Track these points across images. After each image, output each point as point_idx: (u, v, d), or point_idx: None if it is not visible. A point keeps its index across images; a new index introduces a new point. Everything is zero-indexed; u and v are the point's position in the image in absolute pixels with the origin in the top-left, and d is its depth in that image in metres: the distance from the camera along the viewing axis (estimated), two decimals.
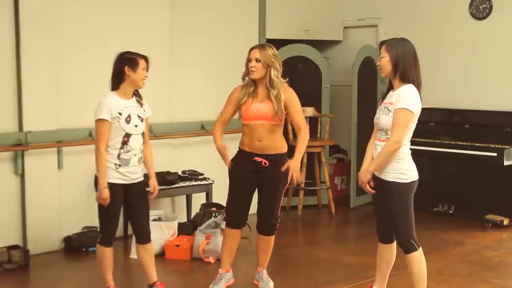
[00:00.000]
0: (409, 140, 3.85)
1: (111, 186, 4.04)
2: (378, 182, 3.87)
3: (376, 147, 3.89)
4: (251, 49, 4.30)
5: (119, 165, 4.06)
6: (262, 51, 4.23)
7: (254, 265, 4.72)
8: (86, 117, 5.38)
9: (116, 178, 4.06)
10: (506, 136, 6.39)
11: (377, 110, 3.96)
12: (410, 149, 3.89)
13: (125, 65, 4.04)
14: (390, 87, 3.93)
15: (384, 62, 3.83)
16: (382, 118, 3.83)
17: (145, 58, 4.12)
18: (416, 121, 3.83)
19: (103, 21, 5.67)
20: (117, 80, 4.09)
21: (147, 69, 4.13)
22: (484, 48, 6.98)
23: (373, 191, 3.87)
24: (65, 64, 5.47)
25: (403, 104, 3.71)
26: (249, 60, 4.27)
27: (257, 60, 4.23)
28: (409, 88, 3.76)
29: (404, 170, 3.79)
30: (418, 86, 3.80)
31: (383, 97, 3.96)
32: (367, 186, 3.88)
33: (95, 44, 5.56)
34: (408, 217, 3.84)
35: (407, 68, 3.77)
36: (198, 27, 6.46)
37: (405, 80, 3.78)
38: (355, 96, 7.26)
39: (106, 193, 4.00)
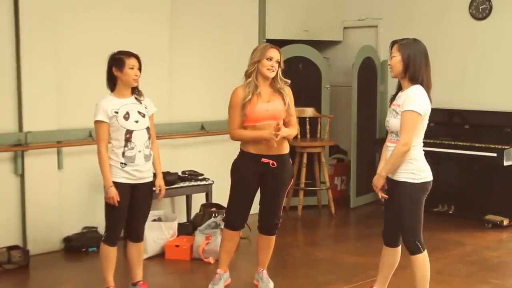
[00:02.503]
0: (422, 141, 3.85)
1: (118, 185, 4.05)
2: (390, 183, 3.87)
3: (388, 149, 3.89)
4: (271, 47, 4.28)
5: (125, 164, 4.07)
6: (280, 53, 4.30)
7: (254, 265, 4.72)
8: (86, 117, 5.36)
9: (122, 177, 4.08)
10: (506, 136, 6.39)
11: (388, 112, 3.95)
12: None
13: (112, 66, 4.06)
14: (400, 88, 3.91)
15: (395, 62, 3.80)
16: (392, 120, 3.82)
17: (135, 56, 4.10)
18: (427, 121, 3.83)
19: (103, 21, 5.67)
20: (111, 82, 4.12)
21: (139, 68, 4.11)
22: (484, 48, 6.97)
23: (386, 196, 3.86)
24: (65, 64, 5.47)
25: (409, 106, 3.70)
26: (269, 59, 4.25)
27: (277, 61, 4.28)
28: (416, 89, 3.75)
29: (415, 171, 3.79)
30: (428, 87, 3.79)
31: (392, 99, 3.95)
32: (380, 191, 3.87)
33: (95, 44, 5.55)
34: (417, 218, 3.84)
35: (417, 69, 3.76)
36: (198, 27, 6.46)
37: (414, 81, 3.77)
38: (355, 97, 7.26)
39: (112, 192, 4.02)
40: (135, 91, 4.19)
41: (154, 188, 4.30)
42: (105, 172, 4.04)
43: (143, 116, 4.15)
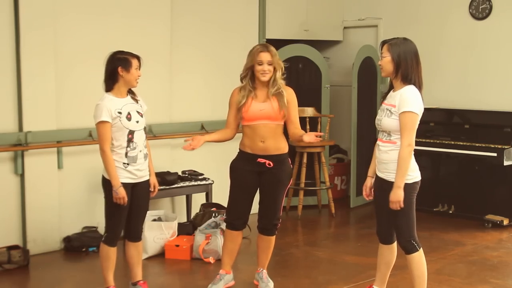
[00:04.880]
0: None
1: (122, 185, 4.05)
2: (380, 182, 3.86)
3: (379, 147, 3.88)
4: (260, 51, 4.25)
5: (128, 164, 4.07)
6: (273, 55, 4.24)
7: (254, 265, 4.72)
8: (86, 117, 5.38)
9: (125, 177, 4.08)
10: (506, 136, 6.39)
11: (379, 111, 3.95)
12: None
13: (118, 66, 4.04)
14: (391, 87, 3.92)
15: (385, 62, 3.81)
16: (384, 120, 3.81)
17: (137, 57, 4.12)
18: (418, 122, 3.82)
19: (103, 21, 5.67)
20: (111, 81, 4.09)
21: (139, 68, 4.13)
22: (484, 48, 6.98)
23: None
24: (65, 65, 5.47)
25: (408, 107, 3.70)
26: (259, 63, 4.23)
27: (269, 64, 4.24)
28: (411, 89, 3.75)
29: (408, 171, 3.78)
30: (419, 87, 3.79)
31: (384, 97, 3.96)
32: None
33: (95, 44, 5.55)
34: (410, 218, 3.83)
35: (408, 69, 3.75)
36: (198, 27, 6.46)
37: (406, 80, 3.77)
38: (355, 96, 7.26)
39: (122, 192, 4.02)
40: (130, 90, 4.19)
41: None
42: (113, 173, 4.03)
43: (142, 115, 4.16)
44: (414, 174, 3.82)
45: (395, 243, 4.05)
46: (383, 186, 3.84)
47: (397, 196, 3.73)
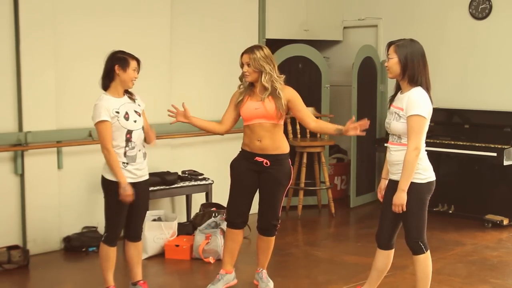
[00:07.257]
0: (424, 141, 3.81)
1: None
2: (393, 184, 3.82)
3: (390, 150, 3.86)
4: (242, 53, 4.31)
5: (127, 163, 4.07)
6: (251, 55, 4.24)
7: (254, 265, 4.72)
8: (85, 117, 5.35)
9: (125, 176, 4.07)
10: (506, 136, 6.39)
11: (388, 113, 3.92)
12: None
13: (115, 64, 4.05)
14: (398, 89, 3.89)
15: (393, 63, 3.77)
16: (393, 123, 3.79)
17: (137, 60, 4.13)
18: (429, 123, 3.79)
19: (103, 21, 5.67)
20: (107, 79, 4.11)
21: (138, 71, 4.14)
22: (483, 48, 6.98)
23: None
24: (65, 65, 5.47)
25: (415, 110, 3.68)
26: (241, 65, 4.31)
27: (248, 65, 4.26)
28: (419, 92, 3.72)
29: (421, 170, 3.75)
30: (427, 88, 3.76)
31: (391, 100, 3.92)
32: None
33: (95, 44, 5.54)
34: (421, 219, 3.81)
35: (415, 70, 3.72)
36: (198, 27, 6.46)
37: (413, 82, 3.74)
38: (355, 96, 7.26)
39: (130, 189, 4.02)
40: (127, 90, 4.20)
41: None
42: (119, 171, 4.02)
43: (139, 115, 4.17)
44: (427, 173, 3.78)
45: (392, 250, 4.01)
46: (395, 189, 3.78)
47: (400, 199, 3.72)
